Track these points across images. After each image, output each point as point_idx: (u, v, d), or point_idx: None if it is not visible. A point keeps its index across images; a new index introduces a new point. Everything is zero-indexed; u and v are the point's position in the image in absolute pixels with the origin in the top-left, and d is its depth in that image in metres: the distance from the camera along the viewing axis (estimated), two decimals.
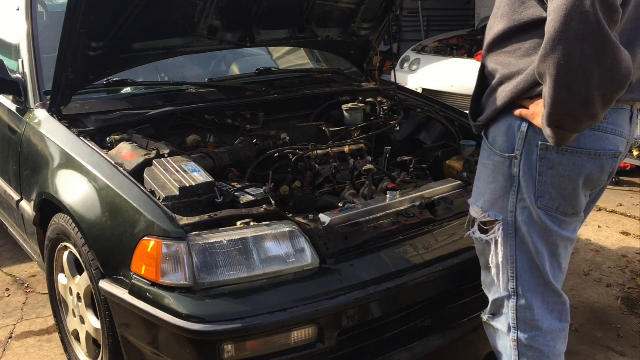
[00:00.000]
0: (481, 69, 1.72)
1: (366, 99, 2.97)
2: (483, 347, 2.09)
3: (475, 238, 1.78)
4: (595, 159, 1.56)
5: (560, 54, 1.32)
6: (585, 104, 1.37)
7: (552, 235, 1.65)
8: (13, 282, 3.22)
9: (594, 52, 1.30)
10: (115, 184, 1.99)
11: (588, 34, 1.29)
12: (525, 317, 1.73)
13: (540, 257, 1.67)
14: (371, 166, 2.37)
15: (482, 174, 1.74)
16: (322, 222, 1.97)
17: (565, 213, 1.63)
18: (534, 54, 1.52)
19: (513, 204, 1.65)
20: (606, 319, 2.86)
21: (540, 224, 1.63)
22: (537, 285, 1.70)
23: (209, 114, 2.63)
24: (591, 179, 1.60)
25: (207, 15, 2.51)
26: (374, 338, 2.03)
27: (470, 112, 1.76)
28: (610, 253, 3.57)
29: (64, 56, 2.23)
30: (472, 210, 1.78)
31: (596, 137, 1.55)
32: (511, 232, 1.68)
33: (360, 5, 2.95)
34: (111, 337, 1.99)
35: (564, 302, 1.75)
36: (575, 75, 1.34)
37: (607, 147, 1.57)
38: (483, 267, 1.84)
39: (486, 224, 1.75)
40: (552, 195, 1.60)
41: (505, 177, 1.65)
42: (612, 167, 1.61)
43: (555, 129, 1.45)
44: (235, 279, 1.78)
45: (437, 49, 6.59)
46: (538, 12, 1.50)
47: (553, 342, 1.74)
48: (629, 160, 4.75)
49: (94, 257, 1.99)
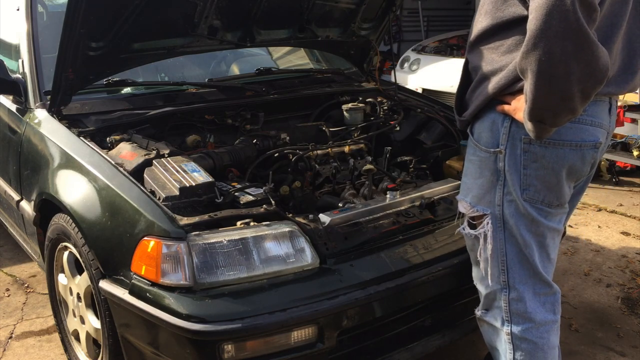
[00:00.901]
0: (465, 64, 1.78)
1: (366, 99, 2.96)
2: (483, 347, 2.09)
3: (465, 233, 1.82)
4: (576, 149, 1.61)
5: (541, 50, 1.37)
6: (564, 99, 1.42)
7: (539, 226, 1.69)
8: (13, 282, 3.22)
9: (574, 49, 1.35)
10: (115, 184, 1.99)
11: (568, 32, 1.34)
12: (517, 310, 1.75)
13: (529, 249, 1.70)
14: (371, 166, 2.37)
15: (468, 170, 1.79)
16: (322, 222, 1.97)
17: (551, 204, 1.67)
18: (515, 51, 1.57)
19: (500, 197, 1.69)
20: (606, 319, 2.86)
21: (526, 215, 1.67)
22: (527, 277, 1.74)
23: (209, 114, 2.63)
24: (574, 169, 1.65)
25: (207, 15, 2.51)
26: (374, 338, 2.03)
27: (455, 107, 1.82)
28: (610, 253, 3.57)
29: (64, 56, 2.23)
30: (461, 206, 1.82)
31: (576, 128, 1.60)
32: (499, 225, 1.72)
33: (360, 5, 2.95)
34: (111, 337, 1.99)
35: (554, 292, 1.79)
36: (555, 71, 1.38)
37: (588, 138, 1.62)
38: (473, 262, 1.87)
39: (474, 219, 1.78)
40: (537, 188, 1.65)
41: (492, 171, 1.69)
42: (593, 158, 1.66)
43: (536, 122, 1.50)
44: (235, 279, 1.78)
45: (437, 49, 6.59)
46: (519, 10, 1.55)
47: (547, 333, 1.77)
48: (629, 160, 4.75)
49: (94, 257, 1.99)
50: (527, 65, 1.41)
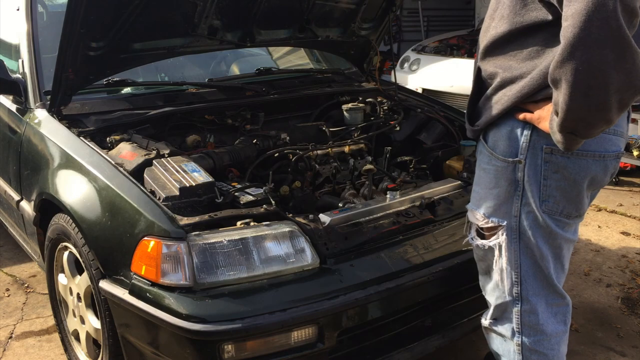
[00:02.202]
0: (477, 72, 1.69)
1: (366, 99, 2.96)
2: (483, 347, 2.09)
3: (476, 245, 1.77)
4: (599, 160, 1.56)
5: (579, 60, 1.28)
6: (601, 110, 1.35)
7: (557, 238, 1.64)
8: (13, 282, 3.22)
9: (614, 58, 1.27)
10: (115, 184, 1.99)
11: (609, 39, 1.25)
12: (529, 322, 1.71)
13: (545, 261, 1.66)
14: (371, 166, 2.37)
15: (482, 179, 1.71)
16: (322, 222, 1.97)
17: (569, 216, 1.63)
18: (536, 57, 1.51)
19: (517, 208, 1.63)
20: (606, 319, 2.86)
21: (545, 227, 1.62)
22: (541, 289, 1.69)
23: (209, 114, 2.63)
24: (595, 180, 1.60)
25: (207, 15, 2.51)
26: (374, 338, 2.03)
27: (467, 116, 1.74)
28: (610, 253, 3.56)
29: (64, 56, 2.23)
30: (472, 216, 1.76)
31: (600, 139, 1.54)
32: (515, 237, 1.66)
33: (360, 5, 2.95)
34: (111, 337, 1.99)
35: (567, 303, 1.75)
36: (593, 81, 1.30)
37: (611, 148, 1.57)
38: (482, 272, 1.83)
39: (485, 230, 1.73)
40: (556, 199, 1.59)
41: (509, 181, 1.63)
42: (614, 168, 1.61)
43: (567, 134, 1.42)
44: (235, 279, 1.78)
45: (437, 49, 6.59)
46: (542, 15, 1.47)
47: (557, 345, 1.73)
48: (629, 160, 4.75)
49: (94, 257, 1.99)
50: (562, 75, 1.32)
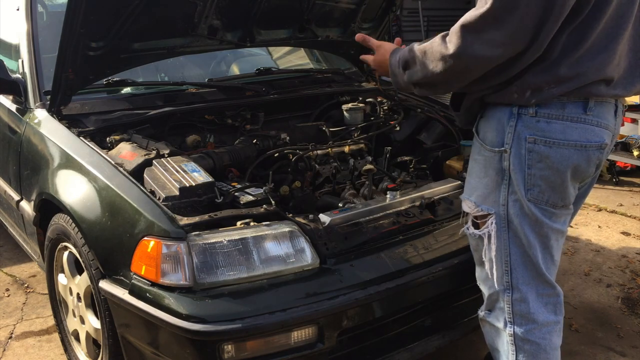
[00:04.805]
0: None
1: (366, 99, 2.96)
2: (483, 347, 2.09)
3: (469, 233, 1.81)
4: (581, 150, 1.61)
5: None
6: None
7: (543, 227, 1.68)
8: (13, 282, 3.22)
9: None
10: (115, 184, 1.99)
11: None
12: (520, 311, 1.75)
13: (533, 250, 1.70)
14: (371, 166, 2.37)
15: (473, 169, 1.78)
16: (322, 222, 1.96)
17: (555, 205, 1.67)
18: None
19: (504, 197, 1.69)
20: (606, 319, 2.86)
21: (531, 216, 1.67)
22: (531, 278, 1.73)
23: (209, 114, 2.63)
24: (579, 170, 1.64)
25: (207, 15, 2.51)
26: (374, 338, 2.03)
27: (451, 103, 1.82)
28: (610, 253, 3.56)
29: (64, 56, 2.23)
30: (465, 205, 1.81)
31: (582, 129, 1.60)
32: (504, 225, 1.71)
33: (360, 5, 2.95)
34: (111, 337, 1.99)
35: (557, 294, 1.78)
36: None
37: (593, 138, 1.61)
38: (477, 262, 1.87)
39: (479, 219, 1.77)
40: (541, 188, 1.64)
41: (496, 171, 1.69)
42: (598, 159, 1.65)
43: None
44: (235, 279, 1.78)
45: None
46: None
47: (549, 334, 1.77)
48: (629, 160, 4.75)
49: (93, 257, 1.99)
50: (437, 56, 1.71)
